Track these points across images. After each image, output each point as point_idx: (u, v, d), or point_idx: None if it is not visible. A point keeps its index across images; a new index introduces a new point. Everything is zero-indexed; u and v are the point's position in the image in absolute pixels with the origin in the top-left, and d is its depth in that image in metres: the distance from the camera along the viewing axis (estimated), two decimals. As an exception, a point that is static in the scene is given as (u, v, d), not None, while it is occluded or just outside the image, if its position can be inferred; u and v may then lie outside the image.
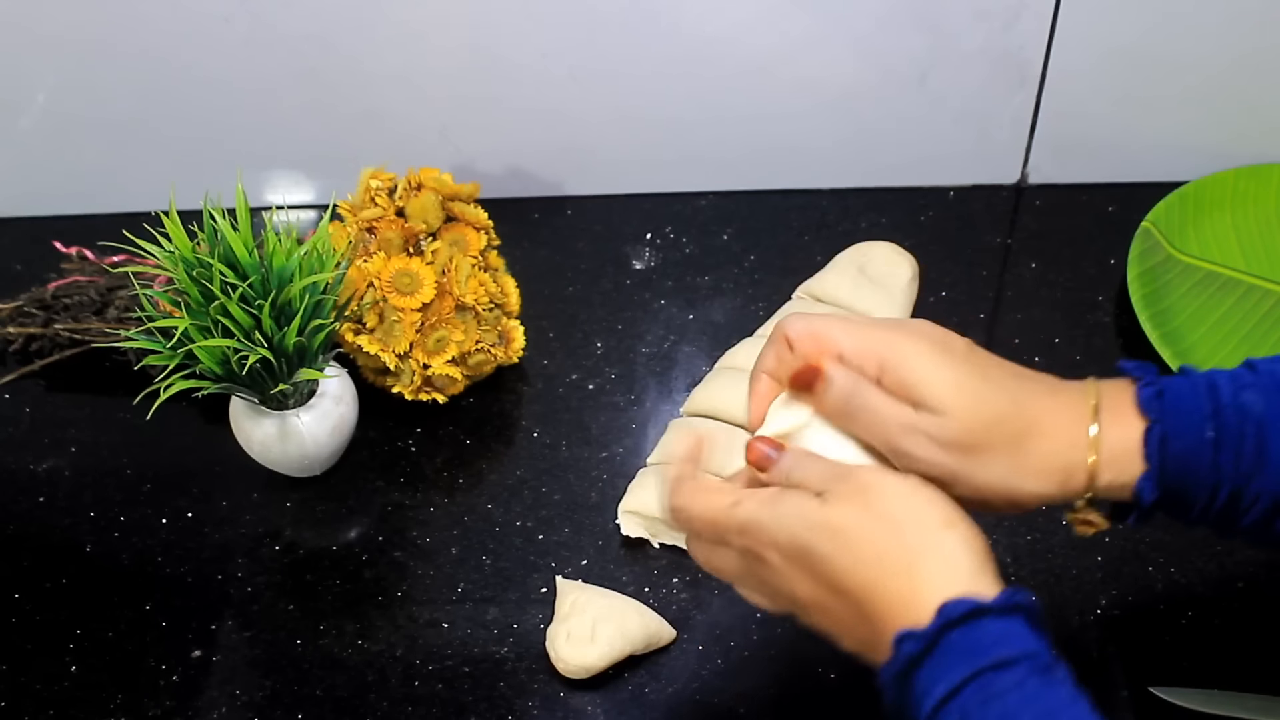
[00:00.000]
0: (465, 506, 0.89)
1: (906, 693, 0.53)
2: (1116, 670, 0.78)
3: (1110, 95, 1.00)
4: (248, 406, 0.85)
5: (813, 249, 1.01)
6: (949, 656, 0.52)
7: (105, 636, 0.83)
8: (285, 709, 0.79)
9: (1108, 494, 0.60)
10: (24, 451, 0.93)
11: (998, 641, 0.52)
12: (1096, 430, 0.59)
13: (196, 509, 0.89)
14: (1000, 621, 0.52)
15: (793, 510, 0.57)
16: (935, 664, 0.52)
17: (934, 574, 0.54)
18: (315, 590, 0.85)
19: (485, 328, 0.91)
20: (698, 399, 0.90)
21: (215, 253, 0.79)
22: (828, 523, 0.56)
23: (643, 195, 1.07)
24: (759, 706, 0.78)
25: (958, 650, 0.52)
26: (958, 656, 0.52)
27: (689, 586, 0.84)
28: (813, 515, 0.57)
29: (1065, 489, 0.60)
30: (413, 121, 1.02)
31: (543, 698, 0.79)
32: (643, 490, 0.85)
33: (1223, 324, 0.94)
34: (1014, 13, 0.95)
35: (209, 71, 0.99)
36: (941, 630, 0.52)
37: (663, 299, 1.00)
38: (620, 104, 1.01)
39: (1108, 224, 1.03)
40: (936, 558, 0.55)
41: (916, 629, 0.53)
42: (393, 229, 0.90)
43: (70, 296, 0.95)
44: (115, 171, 1.05)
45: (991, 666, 0.51)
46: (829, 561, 0.56)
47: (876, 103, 1.01)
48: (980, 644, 0.52)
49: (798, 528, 0.57)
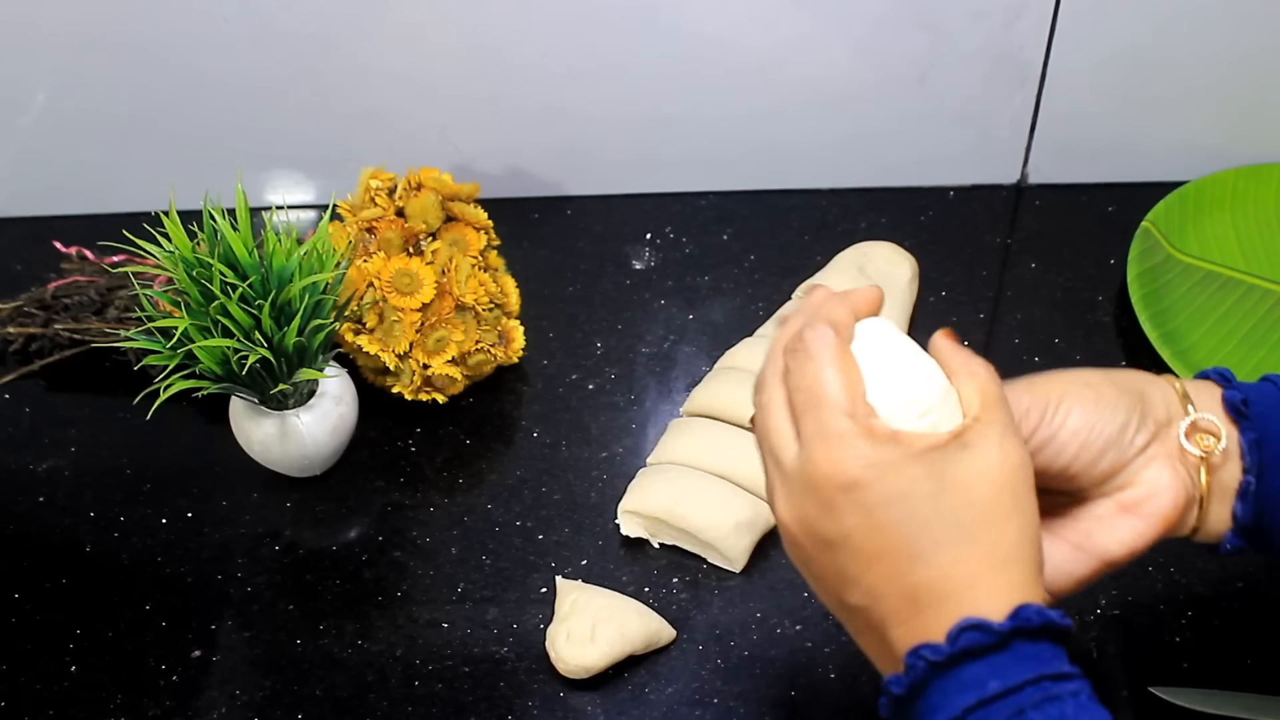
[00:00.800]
0: (465, 506, 0.89)
1: (946, 687, 0.52)
2: (1116, 670, 0.78)
3: (1110, 95, 1.00)
4: (248, 406, 0.85)
5: (813, 249, 1.01)
6: (1008, 661, 0.51)
7: (105, 636, 0.83)
8: (285, 709, 0.79)
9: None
10: (24, 451, 0.93)
11: (1055, 656, 0.52)
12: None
13: (196, 509, 0.89)
14: (1061, 634, 0.52)
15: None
16: (992, 666, 0.51)
17: (1021, 571, 0.53)
18: (315, 590, 0.85)
19: (485, 328, 0.91)
20: (698, 399, 0.90)
21: (215, 253, 0.79)
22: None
23: (643, 195, 1.07)
24: (759, 706, 0.78)
25: (1020, 657, 0.51)
26: (1019, 663, 0.51)
27: (689, 586, 0.84)
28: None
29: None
30: (413, 121, 1.02)
31: (543, 698, 0.79)
32: (643, 490, 0.85)
33: (1223, 324, 0.94)
34: (1014, 13, 0.95)
35: (209, 71, 0.99)
36: (1014, 633, 0.51)
37: (663, 299, 1.00)
38: (620, 104, 1.01)
39: (1108, 224, 1.03)
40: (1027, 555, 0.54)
41: (991, 622, 0.51)
42: (393, 229, 0.90)
43: (70, 296, 0.95)
44: (115, 171, 1.05)
45: (1056, 676, 0.51)
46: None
47: (876, 103, 1.01)
48: (1041, 656, 0.51)
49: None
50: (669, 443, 0.88)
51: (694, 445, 0.87)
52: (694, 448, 0.87)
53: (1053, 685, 0.50)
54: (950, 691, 0.51)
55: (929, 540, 0.53)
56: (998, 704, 0.50)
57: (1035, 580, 0.54)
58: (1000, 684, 0.50)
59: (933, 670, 0.51)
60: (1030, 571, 0.54)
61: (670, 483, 0.85)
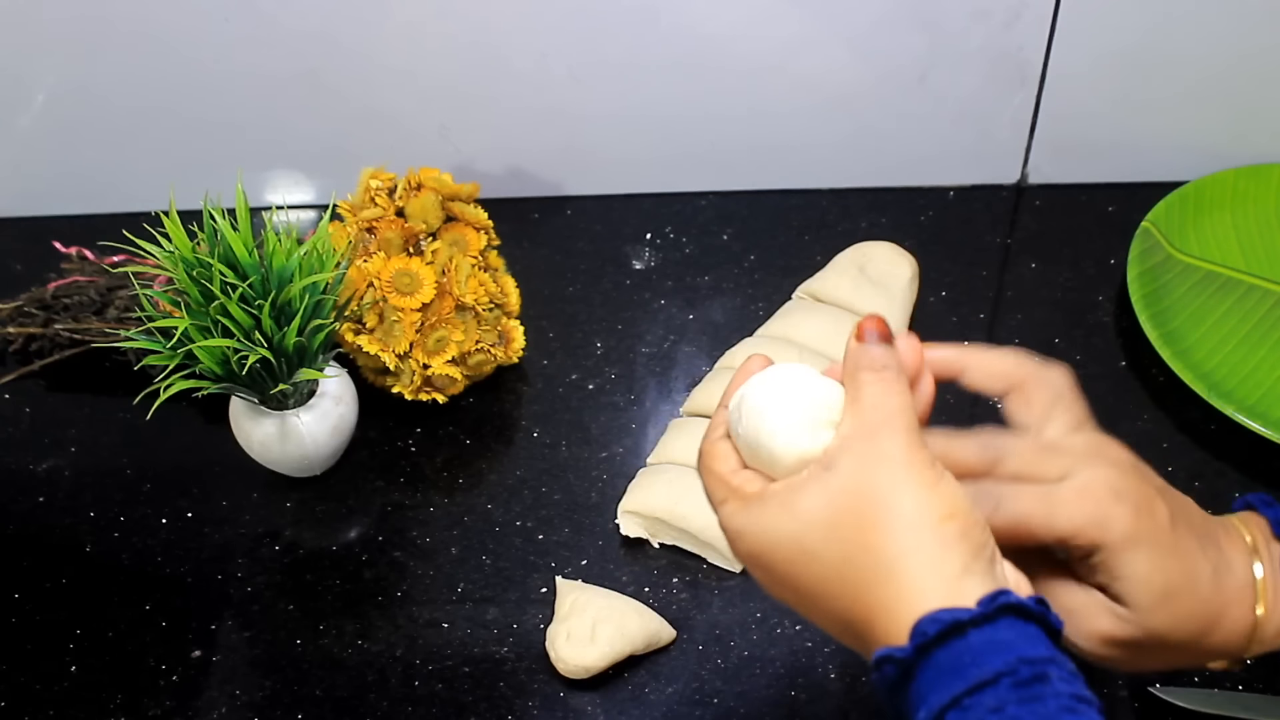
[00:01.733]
0: (465, 506, 0.89)
1: (899, 706, 0.51)
2: (1116, 670, 0.78)
3: (1110, 95, 1.00)
4: (248, 406, 0.85)
5: (813, 249, 1.01)
6: (929, 677, 0.49)
7: (105, 636, 0.83)
8: (285, 709, 0.79)
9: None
10: (24, 451, 0.93)
11: (977, 658, 0.48)
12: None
13: (196, 509, 0.89)
14: (983, 631, 0.49)
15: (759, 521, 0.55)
16: (917, 688, 0.49)
17: (914, 580, 0.50)
18: (315, 590, 0.85)
19: (485, 328, 0.91)
20: (698, 399, 0.90)
21: (215, 253, 0.79)
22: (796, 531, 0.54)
23: (643, 195, 1.07)
24: (759, 706, 0.78)
25: (938, 670, 0.49)
26: (938, 677, 0.48)
27: (689, 586, 0.84)
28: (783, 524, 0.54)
29: (1234, 657, 0.59)
30: (413, 121, 1.02)
31: (543, 698, 0.79)
32: (643, 490, 0.85)
33: (1223, 324, 0.94)
34: (1014, 13, 0.95)
35: (209, 71, 0.99)
36: (918, 652, 0.49)
37: (663, 299, 1.00)
38: (620, 104, 1.01)
39: (1108, 224, 1.03)
40: (918, 559, 0.51)
41: (895, 650, 0.49)
42: (393, 229, 0.90)
43: (70, 296, 0.95)
44: (115, 171, 1.05)
45: (968, 691, 0.48)
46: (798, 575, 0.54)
47: (876, 102, 1.01)
48: (959, 662, 0.48)
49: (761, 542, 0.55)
50: (669, 443, 0.88)
51: (694, 445, 0.86)
52: (694, 448, 0.86)
53: (972, 702, 0.48)
54: (914, 701, 0.50)
55: (816, 579, 0.53)
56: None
57: (956, 576, 0.50)
58: (925, 715, 0.48)
59: (889, 699, 0.51)
60: (943, 569, 0.50)
61: (670, 483, 0.85)
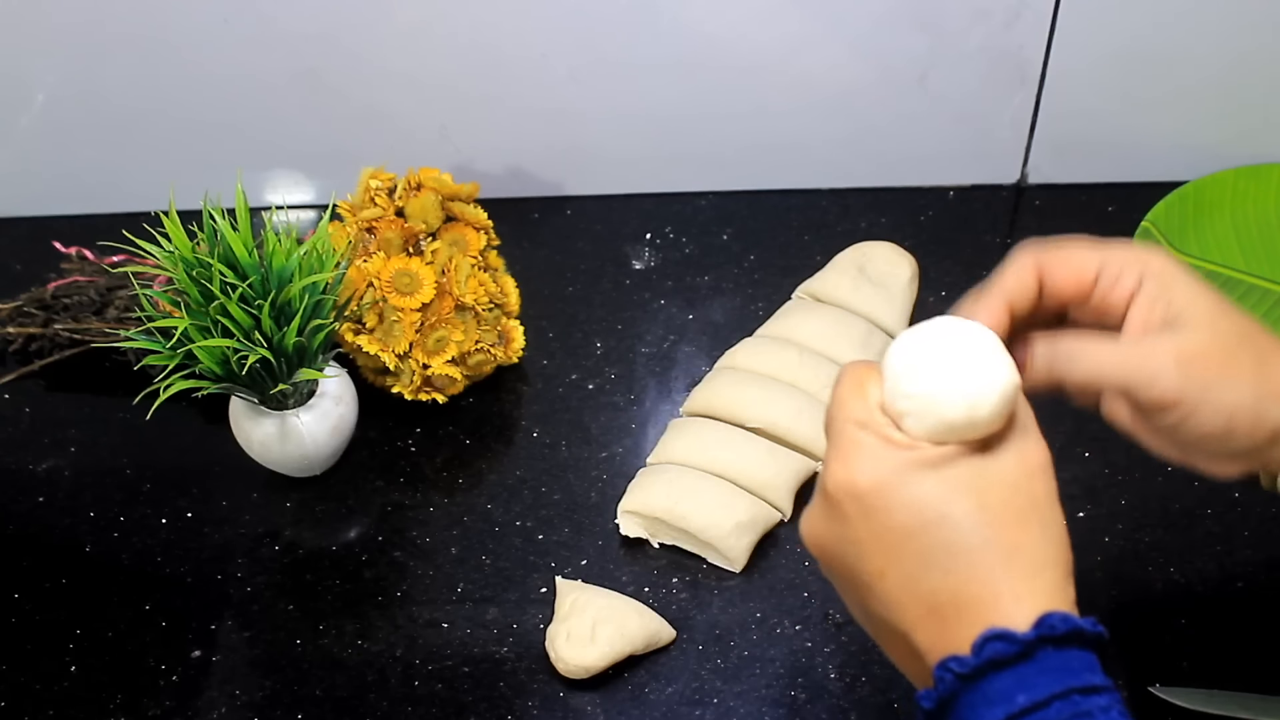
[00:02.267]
0: (465, 506, 0.89)
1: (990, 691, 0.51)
2: (1117, 670, 0.78)
3: (1110, 95, 1.00)
4: (248, 406, 0.85)
5: (813, 249, 1.01)
6: (1033, 669, 0.50)
7: (105, 636, 0.83)
8: (285, 709, 0.79)
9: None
10: (24, 451, 0.93)
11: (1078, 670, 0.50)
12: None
13: (196, 509, 0.89)
14: (1072, 653, 0.50)
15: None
16: (1021, 673, 0.50)
17: (1047, 579, 0.52)
18: (315, 590, 0.85)
19: (485, 328, 0.91)
20: (697, 399, 0.90)
21: (215, 253, 0.79)
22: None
23: (643, 195, 1.07)
24: (759, 706, 0.78)
25: (1046, 663, 0.50)
26: (1043, 671, 0.50)
27: (689, 586, 0.84)
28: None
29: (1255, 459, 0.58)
30: (413, 121, 1.02)
31: (543, 698, 0.79)
32: (642, 490, 0.85)
33: (1223, 324, 0.94)
34: (1014, 12, 0.95)
35: (209, 71, 0.99)
36: (1040, 641, 0.50)
37: (663, 299, 1.00)
38: (620, 104, 1.01)
39: (1108, 224, 1.03)
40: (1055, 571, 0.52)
41: (1014, 632, 0.50)
42: (392, 229, 0.90)
43: (70, 296, 0.95)
44: (115, 171, 1.05)
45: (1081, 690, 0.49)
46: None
47: (876, 102, 1.01)
48: (1069, 665, 0.50)
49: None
50: (669, 443, 0.88)
51: (694, 445, 0.87)
52: (694, 448, 0.87)
53: (1082, 699, 0.49)
54: (977, 705, 0.50)
55: (941, 548, 0.52)
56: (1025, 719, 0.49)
57: (1063, 586, 0.52)
58: (1028, 698, 0.49)
59: (960, 683, 0.50)
60: (1056, 576, 0.52)
61: (670, 483, 0.85)
